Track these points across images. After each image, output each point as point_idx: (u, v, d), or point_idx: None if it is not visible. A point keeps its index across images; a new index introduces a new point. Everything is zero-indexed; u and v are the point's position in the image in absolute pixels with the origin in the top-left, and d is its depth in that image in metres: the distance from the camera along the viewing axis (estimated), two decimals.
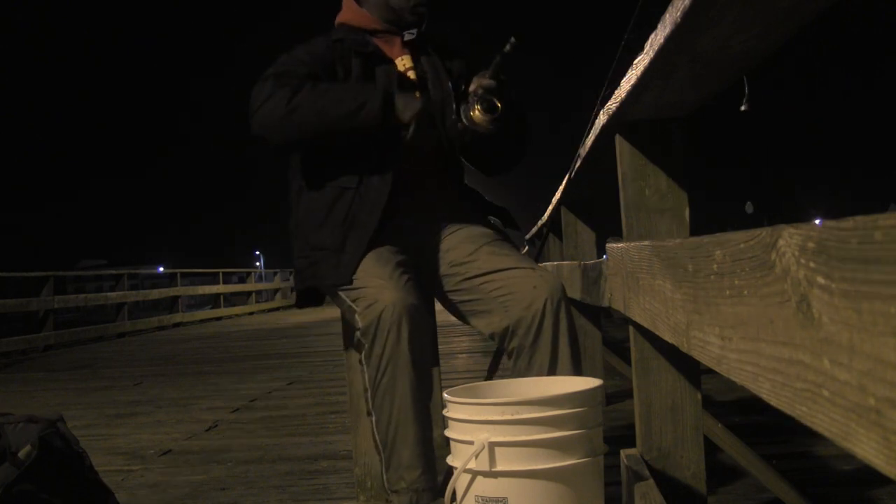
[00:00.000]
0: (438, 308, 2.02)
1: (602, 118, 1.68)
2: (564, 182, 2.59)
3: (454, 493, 1.40)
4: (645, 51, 1.21)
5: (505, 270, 1.81)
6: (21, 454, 1.42)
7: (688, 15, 0.95)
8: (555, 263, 3.60)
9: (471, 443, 1.34)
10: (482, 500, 1.36)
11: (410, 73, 1.94)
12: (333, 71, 1.87)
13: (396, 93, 1.82)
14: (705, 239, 0.80)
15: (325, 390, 4.25)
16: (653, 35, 1.15)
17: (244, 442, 3.02)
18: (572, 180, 2.36)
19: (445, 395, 1.43)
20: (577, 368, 1.76)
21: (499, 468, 1.33)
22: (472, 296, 1.84)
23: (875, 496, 1.89)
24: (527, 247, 8.09)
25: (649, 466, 1.51)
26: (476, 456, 1.33)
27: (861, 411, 0.43)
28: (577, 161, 2.11)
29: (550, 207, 4.10)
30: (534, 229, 6.80)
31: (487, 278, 1.82)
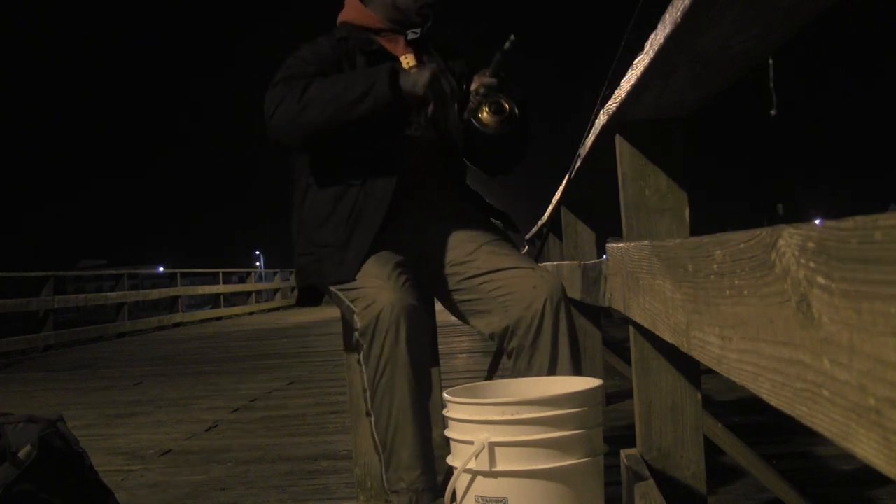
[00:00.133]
0: (438, 308, 2.02)
1: (602, 118, 1.68)
2: (564, 182, 2.59)
3: (454, 493, 1.40)
4: (645, 51, 1.21)
5: (505, 270, 1.81)
6: (21, 454, 1.42)
7: (688, 15, 0.95)
8: (555, 263, 3.59)
9: (471, 443, 1.34)
10: (482, 500, 1.36)
11: None
12: (340, 69, 1.86)
13: (401, 70, 1.79)
14: (705, 239, 0.80)
15: (325, 390, 4.25)
16: (653, 35, 1.15)
17: (244, 442, 3.02)
18: (572, 180, 2.36)
19: (445, 395, 1.43)
20: (577, 368, 1.76)
21: (499, 468, 1.33)
22: (472, 295, 1.84)
23: (875, 496, 1.89)
24: (527, 247, 8.09)
25: (649, 466, 1.51)
26: (476, 456, 1.33)
27: (861, 411, 0.43)
28: (577, 161, 2.11)
29: (550, 207, 4.10)
30: (534, 229, 6.80)
31: (487, 278, 1.82)
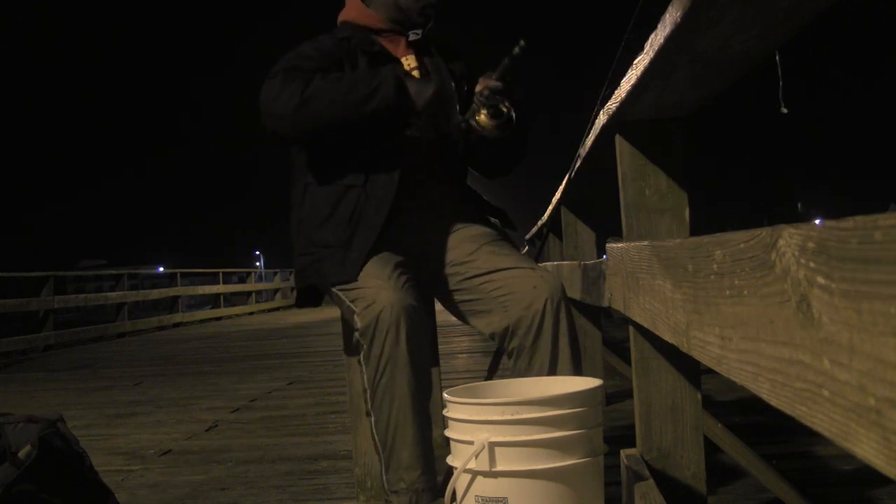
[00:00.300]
0: (438, 308, 2.02)
1: (602, 118, 1.68)
2: (564, 182, 2.59)
3: (454, 493, 1.40)
4: (645, 51, 1.21)
5: (505, 270, 1.81)
6: (21, 454, 1.42)
7: (688, 15, 0.95)
8: (555, 263, 3.59)
9: (471, 443, 1.34)
10: (482, 500, 1.36)
11: (415, 73, 1.93)
12: (341, 67, 1.86)
13: (408, 77, 1.81)
14: (705, 239, 0.80)
15: (325, 390, 4.25)
16: (653, 35, 1.15)
17: (244, 442, 3.02)
18: (572, 180, 2.36)
19: (445, 395, 1.43)
20: (577, 368, 1.76)
21: (499, 468, 1.33)
22: (472, 295, 1.84)
23: (875, 496, 1.89)
24: (527, 247, 8.09)
25: (649, 466, 1.50)
26: (476, 456, 1.33)
27: (861, 411, 0.43)
28: (577, 161, 2.11)
29: (550, 207, 4.10)
30: (534, 229, 6.80)
31: (487, 278, 1.82)
